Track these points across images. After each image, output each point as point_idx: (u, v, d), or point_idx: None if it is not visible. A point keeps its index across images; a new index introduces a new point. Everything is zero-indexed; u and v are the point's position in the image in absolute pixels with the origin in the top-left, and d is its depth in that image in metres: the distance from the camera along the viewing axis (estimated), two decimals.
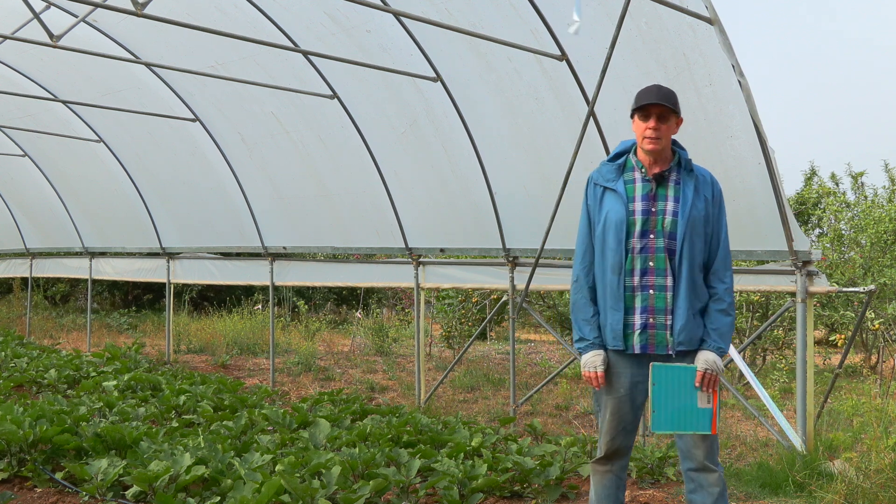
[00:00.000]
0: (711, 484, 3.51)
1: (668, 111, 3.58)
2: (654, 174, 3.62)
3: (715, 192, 3.64)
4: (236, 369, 11.79)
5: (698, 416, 3.47)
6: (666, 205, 3.57)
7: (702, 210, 3.56)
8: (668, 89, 3.65)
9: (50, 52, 8.97)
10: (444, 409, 8.35)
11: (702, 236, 3.56)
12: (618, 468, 3.74)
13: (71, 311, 20.55)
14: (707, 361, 3.47)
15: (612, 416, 3.67)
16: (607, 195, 3.67)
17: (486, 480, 4.87)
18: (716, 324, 3.54)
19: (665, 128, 3.59)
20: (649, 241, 3.56)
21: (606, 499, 3.74)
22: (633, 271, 3.58)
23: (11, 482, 5.36)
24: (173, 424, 6.58)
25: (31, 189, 13.19)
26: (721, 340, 3.51)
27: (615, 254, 3.59)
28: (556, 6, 6.09)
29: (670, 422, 3.48)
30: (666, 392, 3.47)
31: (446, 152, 7.74)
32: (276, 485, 4.07)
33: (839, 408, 7.41)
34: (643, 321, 3.57)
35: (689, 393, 3.47)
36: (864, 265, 11.47)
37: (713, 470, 3.52)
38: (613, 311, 3.60)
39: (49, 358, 10.33)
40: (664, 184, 3.62)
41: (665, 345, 3.56)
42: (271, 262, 9.95)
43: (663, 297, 3.54)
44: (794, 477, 5.32)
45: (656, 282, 3.55)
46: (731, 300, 3.57)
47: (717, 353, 3.50)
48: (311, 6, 7.20)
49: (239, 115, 9.14)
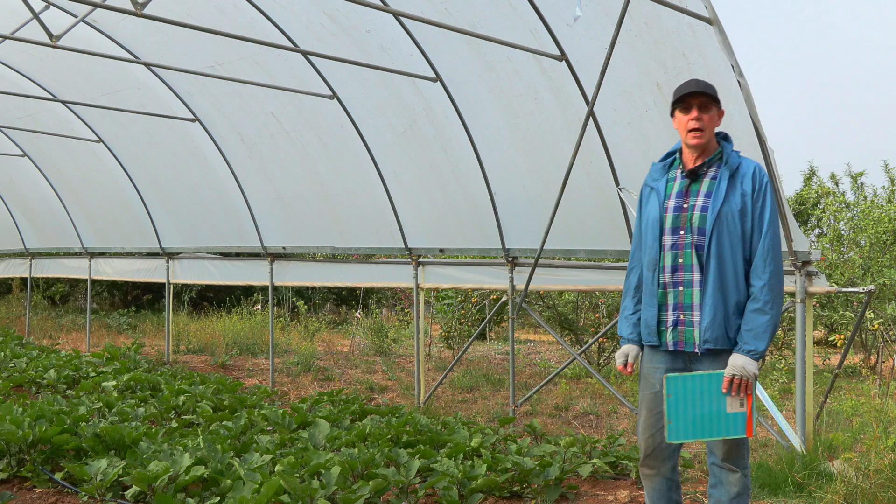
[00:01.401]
0: (731, 483, 3.49)
1: (709, 100, 3.53)
2: (689, 170, 3.60)
3: (757, 183, 3.51)
4: (236, 370, 11.79)
5: (728, 420, 3.38)
6: (697, 200, 3.53)
7: (737, 204, 3.47)
8: (705, 81, 3.61)
9: (49, 52, 8.97)
10: (443, 410, 8.35)
11: (738, 231, 3.46)
12: (666, 469, 3.65)
13: (70, 312, 20.55)
14: (735, 366, 3.36)
15: (649, 412, 3.64)
16: (651, 195, 3.69)
17: (485, 481, 4.86)
18: (749, 324, 3.41)
19: (707, 118, 3.53)
20: (679, 238, 3.55)
21: (657, 501, 3.67)
22: (665, 268, 3.58)
23: (11, 482, 5.36)
24: (173, 425, 6.58)
25: (31, 189, 13.20)
26: (754, 342, 3.37)
27: (651, 251, 3.62)
28: (556, 6, 6.09)
29: (690, 430, 3.41)
30: (684, 402, 3.40)
31: (446, 152, 7.74)
32: (275, 485, 4.07)
33: (838, 408, 7.41)
34: (675, 318, 3.56)
35: (715, 399, 3.38)
36: (864, 265, 11.47)
37: (735, 470, 3.48)
38: (648, 307, 3.63)
39: (48, 358, 10.33)
40: (699, 179, 3.58)
41: (693, 342, 3.52)
42: (271, 263, 9.96)
43: (691, 293, 3.51)
44: (794, 477, 5.32)
45: (685, 278, 3.53)
46: (769, 298, 3.40)
47: (750, 356, 3.37)
48: (310, 6, 7.20)
49: (238, 115, 9.14)
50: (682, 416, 3.41)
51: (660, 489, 3.66)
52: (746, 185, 3.49)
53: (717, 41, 5.32)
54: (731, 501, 3.49)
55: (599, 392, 9.59)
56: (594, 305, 12.18)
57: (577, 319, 12.16)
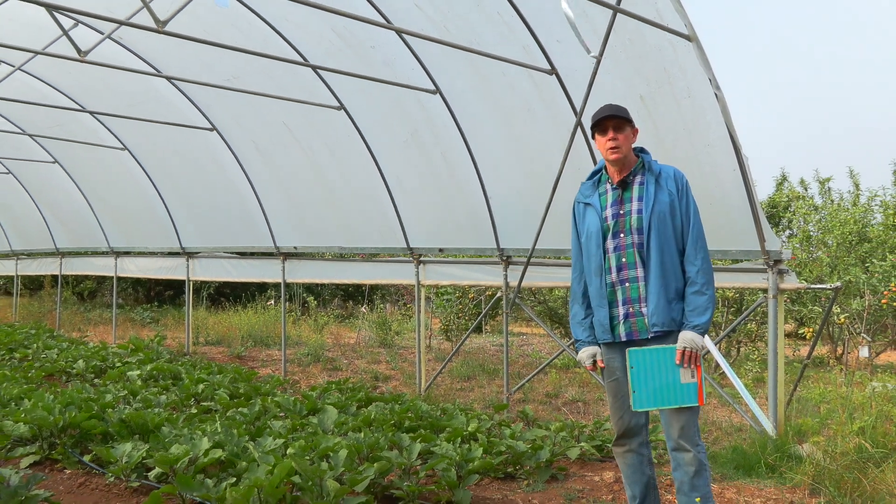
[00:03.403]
0: (687, 463, 3.53)
1: (622, 121, 3.68)
2: (618, 181, 3.73)
3: (678, 184, 3.65)
4: (251, 360, 11.78)
5: (682, 390, 3.50)
6: (632, 205, 3.67)
7: (666, 202, 3.61)
8: (618, 105, 3.75)
9: (78, 66, 8.97)
10: (442, 397, 8.34)
11: (670, 226, 3.59)
12: (637, 445, 3.75)
13: (98, 306, 20.54)
14: (685, 339, 3.50)
15: (615, 398, 3.77)
16: (588, 210, 3.82)
17: (481, 463, 4.87)
18: (691, 305, 3.55)
19: (622, 137, 3.67)
20: (620, 240, 3.67)
21: (633, 475, 3.75)
22: (611, 269, 3.70)
23: (43, 464, 5.36)
24: (192, 411, 6.58)
25: (61, 193, 13.19)
26: (698, 318, 3.52)
27: (595, 258, 3.74)
28: (547, 25, 6.09)
29: (651, 399, 3.54)
30: (645, 373, 3.54)
31: (445, 159, 7.74)
32: (287, 467, 4.06)
33: (807, 395, 7.40)
34: (625, 312, 3.67)
35: (670, 371, 3.51)
36: (831, 264, 11.47)
37: (687, 450, 3.52)
38: (599, 309, 3.75)
39: (77, 350, 10.33)
40: (629, 188, 3.71)
41: (645, 330, 3.63)
42: (283, 261, 9.95)
43: (637, 287, 3.63)
44: (766, 459, 5.32)
45: (629, 275, 3.65)
46: (704, 280, 3.55)
47: (696, 331, 3.51)
48: (319, 23, 7.20)
49: (253, 124, 9.13)
50: (643, 386, 3.55)
51: (632, 464, 3.74)
52: (671, 186, 3.64)
53: (695, 56, 5.32)
54: (692, 482, 3.51)
55: (587, 381, 9.59)
56: None
57: (566, 314, 12.16)
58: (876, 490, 4.63)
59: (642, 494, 3.73)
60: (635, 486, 3.74)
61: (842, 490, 4.68)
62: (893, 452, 4.90)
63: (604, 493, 4.83)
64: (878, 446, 4.95)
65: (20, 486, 4.11)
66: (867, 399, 5.77)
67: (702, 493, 3.50)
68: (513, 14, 6.11)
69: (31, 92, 10.04)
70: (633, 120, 3.73)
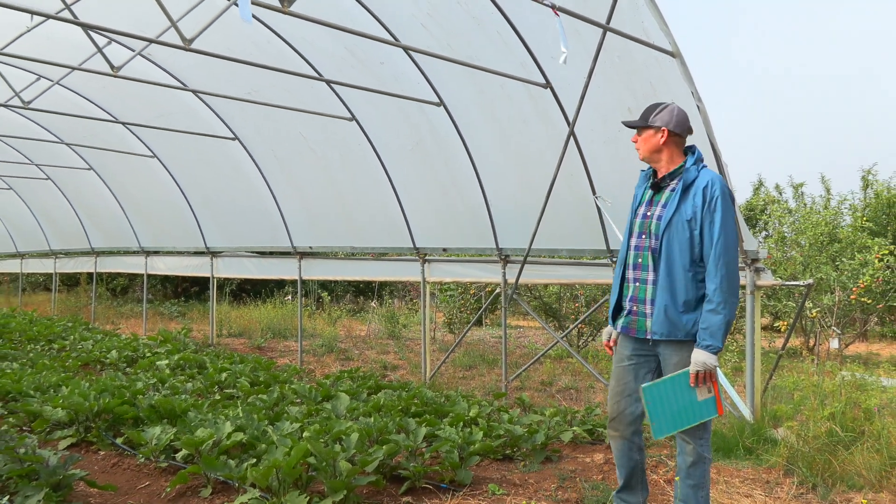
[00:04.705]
0: (686, 453, 3.45)
1: (639, 127, 3.58)
2: (653, 182, 3.59)
3: (707, 195, 3.37)
4: (270, 351, 11.80)
5: (700, 407, 3.34)
6: (657, 210, 3.51)
7: (687, 214, 3.39)
8: (647, 107, 3.61)
9: (111, 81, 8.98)
10: (446, 385, 8.35)
11: (687, 238, 3.38)
12: (628, 433, 3.62)
13: (129, 301, 20.59)
14: (697, 363, 3.30)
15: (615, 382, 3.65)
16: (634, 200, 3.70)
17: (481, 445, 4.86)
18: (705, 323, 3.31)
19: (641, 139, 3.58)
20: (641, 241, 3.55)
21: (620, 458, 3.67)
22: (630, 265, 3.60)
23: (79, 446, 5.37)
24: (216, 397, 6.59)
25: (96, 197, 13.22)
26: (711, 339, 3.28)
27: (623, 249, 3.65)
28: (541, 42, 6.09)
29: (670, 424, 3.38)
30: (661, 404, 3.37)
31: (447, 166, 7.73)
32: (303, 449, 4.06)
33: (782, 384, 7.40)
34: (629, 307, 3.57)
35: (686, 393, 3.34)
36: (804, 262, 11.46)
37: (688, 442, 3.44)
38: (612, 294, 3.68)
39: (111, 341, 10.35)
40: (661, 191, 3.55)
41: (644, 330, 3.51)
42: (299, 260, 9.96)
43: (644, 288, 3.50)
44: (744, 443, 5.32)
45: (641, 276, 3.53)
46: (721, 299, 3.28)
47: (708, 351, 3.29)
48: (332, 41, 7.20)
49: (272, 134, 9.14)
50: (660, 415, 3.37)
51: (621, 449, 3.65)
52: (698, 197, 3.39)
53: (679, 72, 5.31)
54: (688, 469, 3.47)
55: (579, 370, 9.59)
56: (574, 296, 12.17)
57: (559, 308, 12.15)
58: (845, 470, 4.63)
59: (627, 476, 3.67)
60: (622, 469, 3.68)
61: (814, 470, 4.67)
62: (861, 436, 4.90)
63: (594, 473, 4.83)
64: (847, 430, 4.94)
65: (58, 466, 4.12)
66: (837, 387, 5.77)
67: (696, 481, 3.44)
68: (511, 33, 6.11)
69: (68, 104, 10.06)
70: (654, 124, 3.52)
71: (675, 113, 3.53)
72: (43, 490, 3.91)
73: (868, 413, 5.14)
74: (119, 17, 6.83)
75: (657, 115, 3.54)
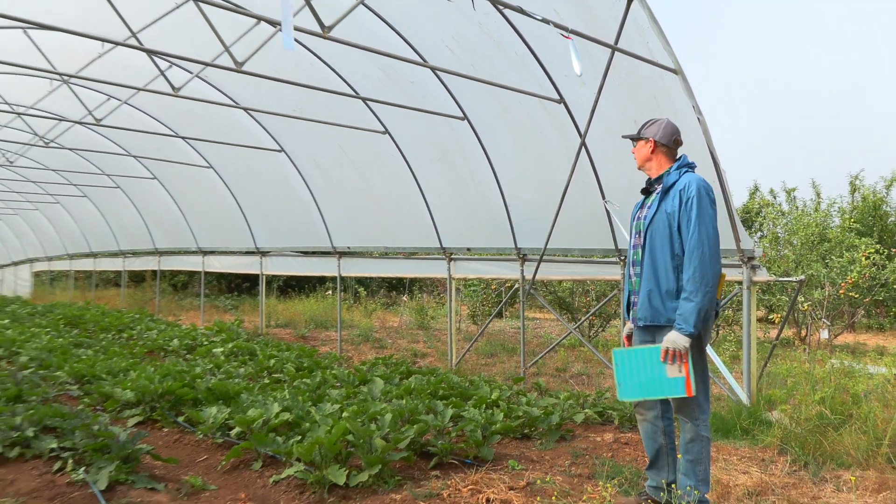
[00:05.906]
0: (686, 431, 3.42)
1: (634, 139, 3.65)
2: (643, 188, 3.64)
3: (683, 196, 3.36)
4: (312, 340, 11.87)
5: (669, 383, 3.30)
6: (646, 212, 3.56)
7: (668, 212, 3.39)
8: (645, 122, 3.64)
9: (172, 100, 9.10)
10: (470, 371, 8.34)
11: (667, 234, 3.38)
12: (652, 417, 3.58)
13: (188, 296, 20.83)
14: (668, 340, 3.29)
15: None
16: (635, 207, 3.73)
17: (502, 425, 4.85)
18: (680, 309, 3.30)
19: (636, 150, 3.65)
20: (636, 240, 3.59)
21: (646, 440, 3.64)
22: (630, 263, 3.64)
23: (145, 424, 5.45)
24: (265, 381, 6.62)
25: (159, 203, 13.40)
26: (683, 323, 3.25)
27: (628, 248, 3.69)
28: (556, 62, 6.06)
29: (636, 391, 3.38)
30: (629, 370, 3.38)
31: (471, 174, 7.73)
32: (342, 427, 4.09)
33: (776, 371, 7.29)
34: (633, 301, 3.60)
35: (655, 367, 3.32)
36: (796, 260, 11.30)
37: (686, 421, 3.42)
38: (624, 291, 3.73)
39: (172, 331, 10.47)
40: (650, 195, 3.60)
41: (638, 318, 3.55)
42: (338, 259, 10.01)
43: (639, 282, 3.53)
44: (741, 424, 5.26)
45: (636, 270, 3.57)
46: (692, 288, 3.25)
47: (680, 332, 3.27)
48: (368, 63, 7.23)
49: (314, 146, 9.20)
50: (628, 380, 3.39)
51: (647, 431, 3.63)
52: (675, 198, 3.39)
53: (681, 87, 5.26)
54: (686, 445, 3.43)
55: (590, 358, 9.53)
56: (586, 291, 12.10)
57: (572, 302, 12.09)
58: (834, 450, 4.56)
59: (653, 457, 3.63)
60: (648, 449, 3.64)
61: (805, 450, 4.61)
62: (849, 419, 4.82)
63: (604, 451, 4.80)
64: (836, 413, 4.87)
65: (127, 441, 4.18)
66: (827, 374, 5.68)
67: (694, 456, 3.40)
68: (528, 54, 6.09)
69: (134, 121, 10.20)
70: (644, 136, 3.57)
71: (663, 126, 3.58)
72: (114, 462, 3.97)
73: (855, 398, 5.06)
74: (179, 43, 6.91)
75: (648, 128, 3.62)
